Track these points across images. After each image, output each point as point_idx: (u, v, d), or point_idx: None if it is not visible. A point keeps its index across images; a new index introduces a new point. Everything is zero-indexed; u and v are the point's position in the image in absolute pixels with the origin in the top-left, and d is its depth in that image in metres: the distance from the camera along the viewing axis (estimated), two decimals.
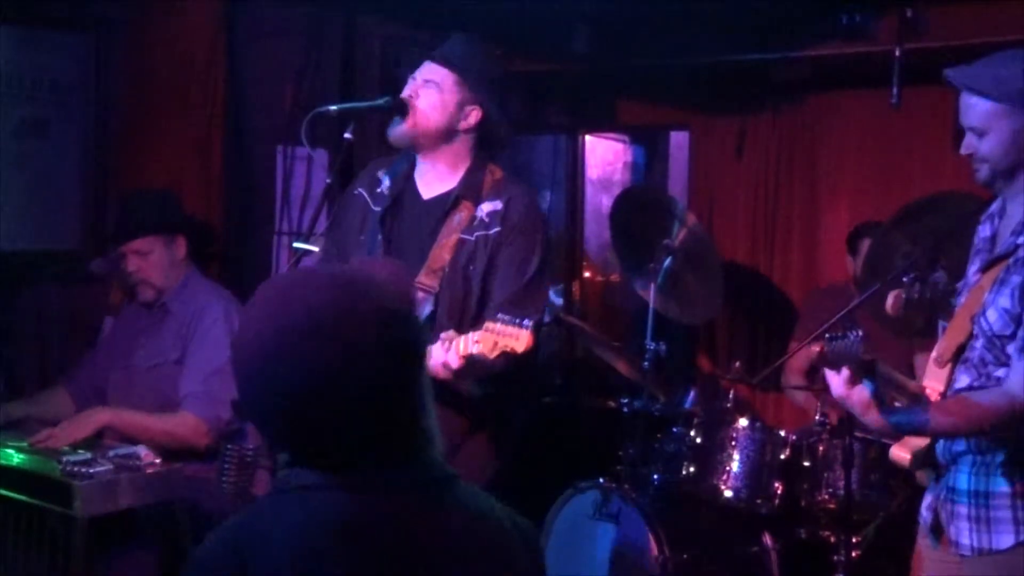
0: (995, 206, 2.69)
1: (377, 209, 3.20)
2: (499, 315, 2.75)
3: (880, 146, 5.25)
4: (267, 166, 4.67)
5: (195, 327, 3.71)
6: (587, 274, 6.47)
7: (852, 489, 3.76)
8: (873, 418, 2.46)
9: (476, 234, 3.07)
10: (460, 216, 3.09)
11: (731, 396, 4.23)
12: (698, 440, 4.10)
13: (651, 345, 4.25)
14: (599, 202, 6.51)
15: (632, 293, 4.82)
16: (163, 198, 3.95)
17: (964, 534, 2.54)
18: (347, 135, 3.06)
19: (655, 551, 3.81)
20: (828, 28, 4.53)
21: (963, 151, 2.62)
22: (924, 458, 2.66)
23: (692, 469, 4.07)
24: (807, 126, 5.41)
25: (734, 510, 4.02)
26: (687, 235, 4.61)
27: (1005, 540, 2.49)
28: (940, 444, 2.60)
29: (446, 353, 2.81)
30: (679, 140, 6.46)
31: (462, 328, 2.97)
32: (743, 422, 4.04)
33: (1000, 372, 2.50)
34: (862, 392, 2.42)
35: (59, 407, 3.78)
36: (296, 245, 3.01)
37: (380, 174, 3.26)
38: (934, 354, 2.61)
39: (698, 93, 5.56)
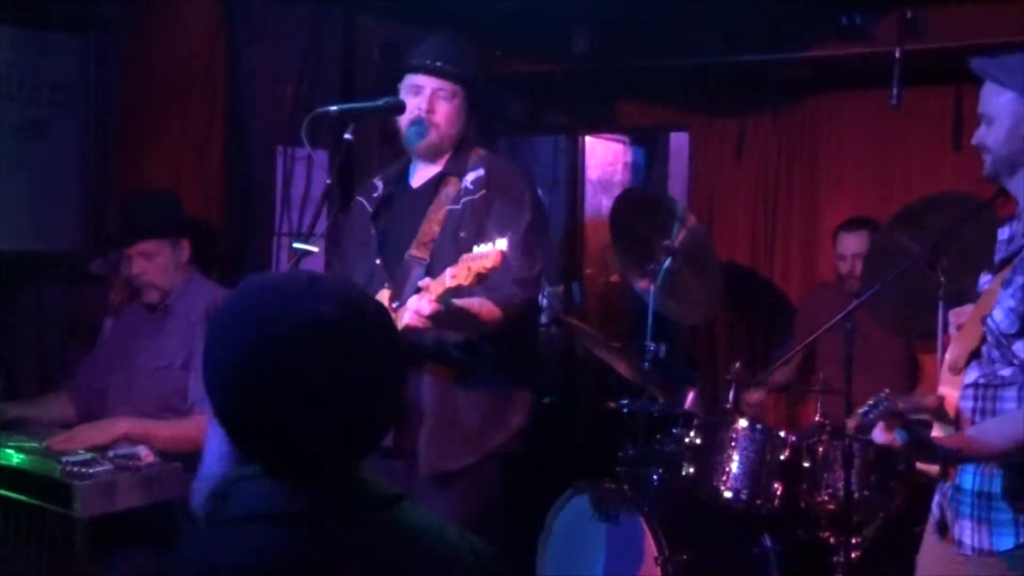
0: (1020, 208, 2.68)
1: (372, 210, 3.32)
2: (472, 247, 2.78)
3: (880, 147, 5.26)
4: (267, 167, 4.67)
5: (202, 329, 3.70)
6: (587, 274, 6.47)
7: (852, 490, 3.75)
8: (917, 460, 2.54)
9: (463, 201, 3.15)
10: (447, 191, 3.20)
11: (731, 397, 4.23)
12: (698, 441, 4.09)
13: (651, 346, 4.26)
14: (599, 203, 6.51)
15: (632, 293, 4.82)
16: (168, 200, 3.95)
17: (967, 534, 2.55)
18: (347, 135, 3.07)
19: (655, 552, 3.81)
20: (828, 29, 4.53)
21: (973, 140, 2.63)
22: None
23: (692, 470, 4.07)
24: (807, 127, 5.42)
25: (734, 511, 4.01)
26: (687, 236, 4.61)
27: (1005, 542, 2.49)
28: None
29: (419, 300, 2.85)
30: (679, 141, 6.46)
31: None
32: (743, 423, 4.04)
33: (1006, 371, 2.49)
34: (896, 440, 2.43)
35: (58, 410, 3.78)
36: (296, 245, 3.01)
37: (376, 181, 3.39)
38: (948, 361, 2.61)
39: (698, 93, 5.56)
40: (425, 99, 3.16)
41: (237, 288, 1.50)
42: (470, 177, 3.17)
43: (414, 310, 2.85)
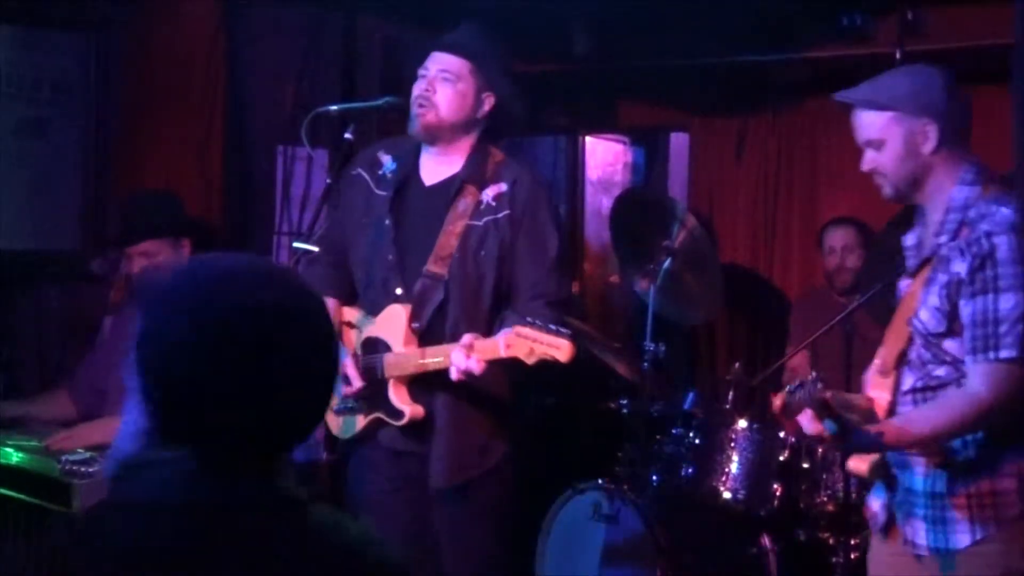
0: (918, 218, 2.76)
1: (382, 193, 3.19)
2: (528, 319, 2.77)
3: None
4: (267, 166, 4.67)
5: None
6: (587, 275, 6.46)
7: (851, 491, 3.76)
8: (844, 447, 2.54)
9: (485, 219, 3.07)
10: (466, 202, 3.10)
11: (730, 397, 4.23)
12: (697, 441, 4.09)
13: (650, 346, 4.25)
14: (599, 203, 6.51)
15: (632, 294, 4.82)
16: (168, 200, 3.96)
17: (920, 534, 2.58)
18: (347, 135, 3.07)
19: (654, 552, 3.81)
20: (828, 30, 4.53)
21: (864, 167, 2.69)
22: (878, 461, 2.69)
23: (691, 470, 4.07)
24: (807, 128, 5.41)
25: (733, 512, 4.01)
26: (687, 236, 4.61)
27: (962, 540, 2.53)
28: None
29: (467, 360, 2.83)
30: (679, 141, 6.45)
31: (476, 316, 2.99)
32: (742, 423, 4.04)
33: (940, 371, 2.54)
34: (825, 431, 2.44)
35: (58, 408, 3.78)
36: (296, 245, 3.02)
37: (381, 155, 3.25)
38: (877, 364, 2.63)
39: (698, 94, 5.56)
40: (427, 80, 3.09)
41: (188, 270, 1.47)
42: (491, 192, 3.09)
43: (463, 369, 2.85)
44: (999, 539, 2.52)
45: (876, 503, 2.73)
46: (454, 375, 2.89)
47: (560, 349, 2.71)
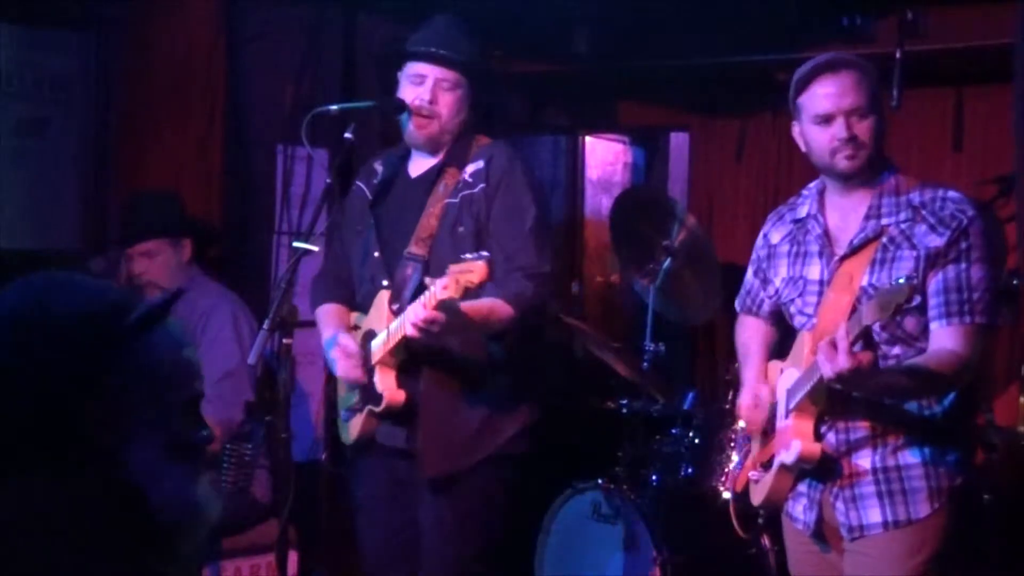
0: (809, 208, 2.78)
1: (371, 197, 3.24)
2: (461, 256, 2.76)
3: None
4: (267, 166, 4.67)
5: (203, 330, 3.71)
6: (587, 274, 6.46)
7: None
8: (882, 380, 2.50)
9: (460, 195, 3.07)
10: (446, 183, 3.11)
11: (730, 397, 4.23)
12: (697, 441, 4.10)
13: (650, 346, 4.25)
14: (599, 203, 6.51)
15: (632, 294, 4.82)
16: (169, 200, 3.95)
17: (873, 513, 2.58)
18: (347, 135, 3.07)
19: (653, 552, 3.81)
20: (828, 30, 4.52)
21: (844, 133, 2.58)
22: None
23: (691, 470, 4.07)
24: None
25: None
26: (687, 236, 4.61)
27: (922, 509, 2.56)
28: (832, 435, 2.63)
29: (411, 309, 2.85)
30: (679, 141, 6.45)
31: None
32: (742, 423, 4.03)
33: (896, 350, 2.56)
34: (868, 355, 2.41)
35: None
36: (296, 245, 3.02)
37: (376, 165, 3.30)
38: (808, 349, 2.61)
39: (698, 94, 5.56)
40: (428, 89, 3.08)
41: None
42: (469, 169, 3.10)
43: (411, 322, 2.83)
44: (948, 509, 2.57)
45: (799, 507, 2.72)
46: (408, 331, 2.86)
47: (474, 271, 2.68)
